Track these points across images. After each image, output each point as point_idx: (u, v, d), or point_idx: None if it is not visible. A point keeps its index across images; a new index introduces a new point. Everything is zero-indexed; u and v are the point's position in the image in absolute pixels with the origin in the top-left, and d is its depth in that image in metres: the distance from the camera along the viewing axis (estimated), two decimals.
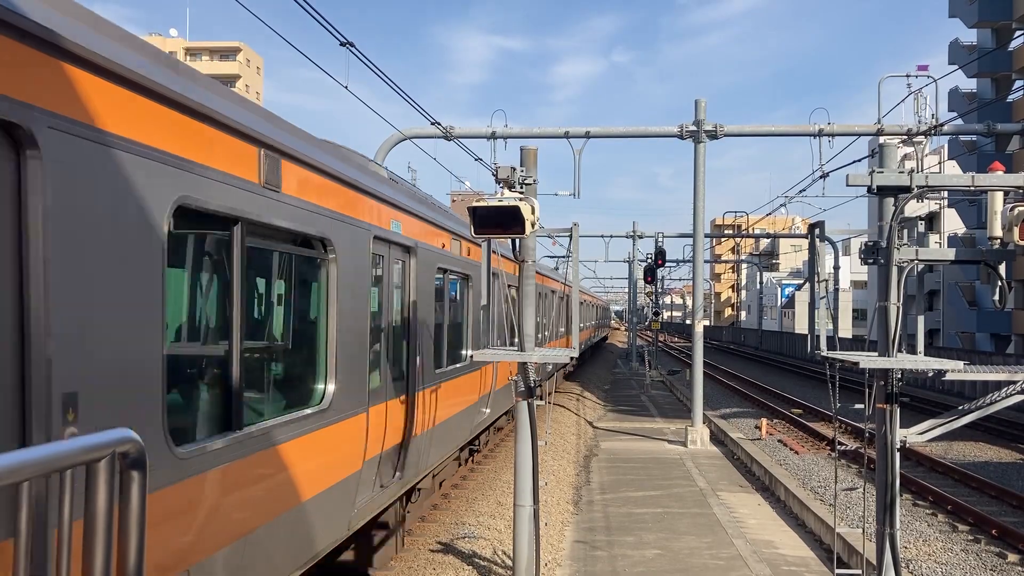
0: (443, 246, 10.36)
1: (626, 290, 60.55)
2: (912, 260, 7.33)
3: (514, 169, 7.43)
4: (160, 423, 4.11)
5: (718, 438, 19.78)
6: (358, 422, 6.99)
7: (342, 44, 10.43)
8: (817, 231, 7.99)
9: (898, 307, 7.23)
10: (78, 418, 3.53)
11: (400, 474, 8.43)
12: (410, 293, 8.79)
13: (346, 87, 12.27)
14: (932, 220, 56.90)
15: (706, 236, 23.69)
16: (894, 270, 7.21)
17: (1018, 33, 45.10)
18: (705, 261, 28.54)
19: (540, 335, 20.97)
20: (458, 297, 11.94)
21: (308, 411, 6.03)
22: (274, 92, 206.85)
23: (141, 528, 1.85)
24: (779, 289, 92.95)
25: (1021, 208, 6.74)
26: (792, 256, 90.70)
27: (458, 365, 11.08)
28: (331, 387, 6.35)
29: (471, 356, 9.48)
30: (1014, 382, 7.27)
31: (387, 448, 7.96)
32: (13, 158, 3.30)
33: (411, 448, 8.65)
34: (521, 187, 7.49)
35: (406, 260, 8.67)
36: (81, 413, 3.52)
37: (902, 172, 7.19)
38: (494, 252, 8.04)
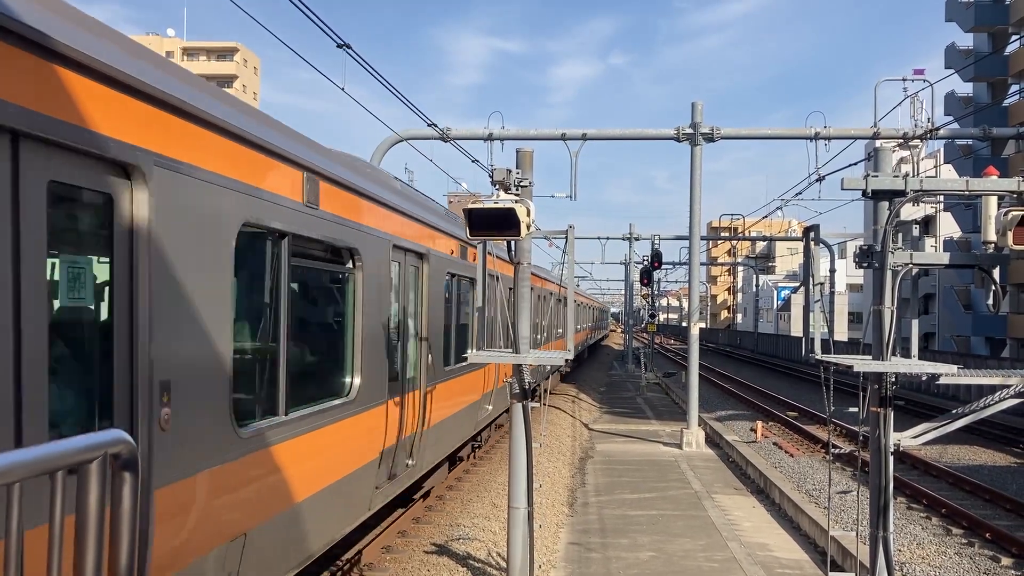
0: (451, 252, 11.06)
1: (623, 292, 60.57)
2: (907, 264, 7.35)
3: (510, 171, 7.43)
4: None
5: (713, 440, 19.79)
6: (378, 411, 8.04)
7: (339, 46, 10.43)
8: (812, 234, 8.00)
9: (892, 311, 7.24)
10: (171, 401, 4.35)
11: (412, 461, 9.26)
12: (424, 297, 9.77)
13: (343, 88, 12.25)
14: (928, 224, 57.02)
15: (702, 239, 23.72)
16: (888, 274, 7.22)
17: (1014, 38, 45.24)
18: (701, 263, 28.58)
19: (538, 336, 20.97)
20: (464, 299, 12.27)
21: (338, 401, 6.96)
22: (271, 93, 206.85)
23: (133, 530, 1.85)
24: (775, 292, 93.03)
25: (1015, 212, 6.76)
26: (788, 259, 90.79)
27: (462, 364, 11.51)
28: (357, 380, 7.38)
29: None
30: (1008, 386, 7.29)
31: (404, 437, 8.95)
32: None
33: (422, 439, 9.44)
34: (517, 189, 7.49)
35: (419, 266, 9.64)
36: (173, 397, 4.34)
37: (897, 176, 7.21)
38: (489, 254, 8.04)
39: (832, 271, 9.48)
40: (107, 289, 4.06)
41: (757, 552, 10.55)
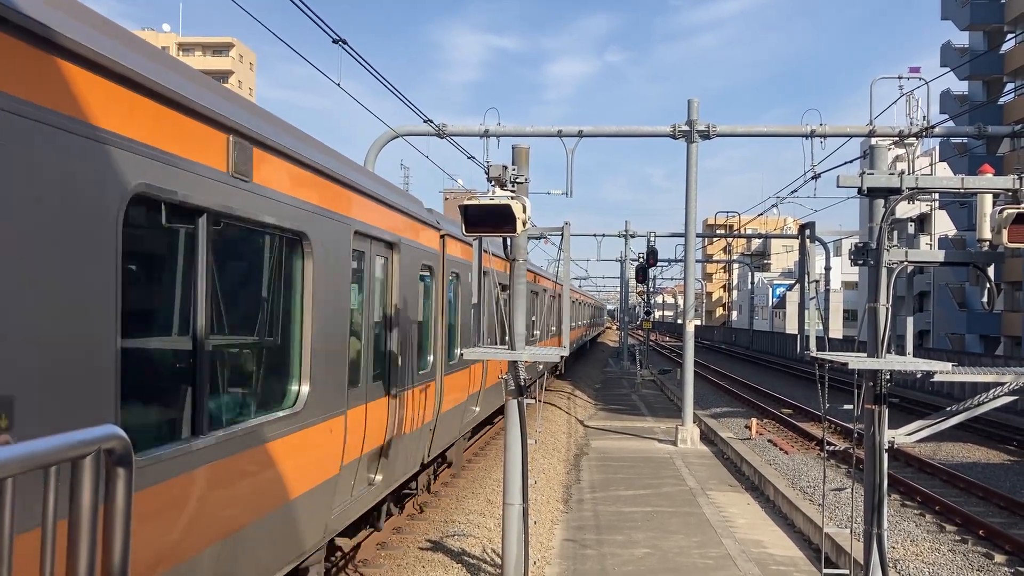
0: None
1: (619, 290, 60.62)
2: (902, 261, 7.36)
3: (506, 167, 7.43)
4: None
5: (708, 437, 19.82)
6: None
7: (335, 41, 10.41)
8: (808, 232, 8.02)
9: (887, 308, 7.25)
10: (400, 353, 6.76)
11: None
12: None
13: (339, 84, 12.24)
14: (923, 222, 57.14)
15: (698, 236, 23.74)
16: (883, 271, 7.23)
17: (1009, 36, 45.32)
18: (697, 261, 28.61)
19: (533, 333, 20.97)
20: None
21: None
22: (267, 88, 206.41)
23: (127, 527, 1.85)
24: (770, 289, 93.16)
25: (1010, 211, 6.77)
26: (784, 256, 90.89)
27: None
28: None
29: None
30: (1002, 384, 7.31)
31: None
32: (391, 254, 6.86)
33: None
34: (513, 186, 7.49)
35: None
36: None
37: (892, 174, 7.22)
38: (485, 251, 8.04)
39: (827, 269, 9.50)
40: None
41: (752, 549, 10.57)
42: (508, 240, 7.78)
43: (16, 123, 3.29)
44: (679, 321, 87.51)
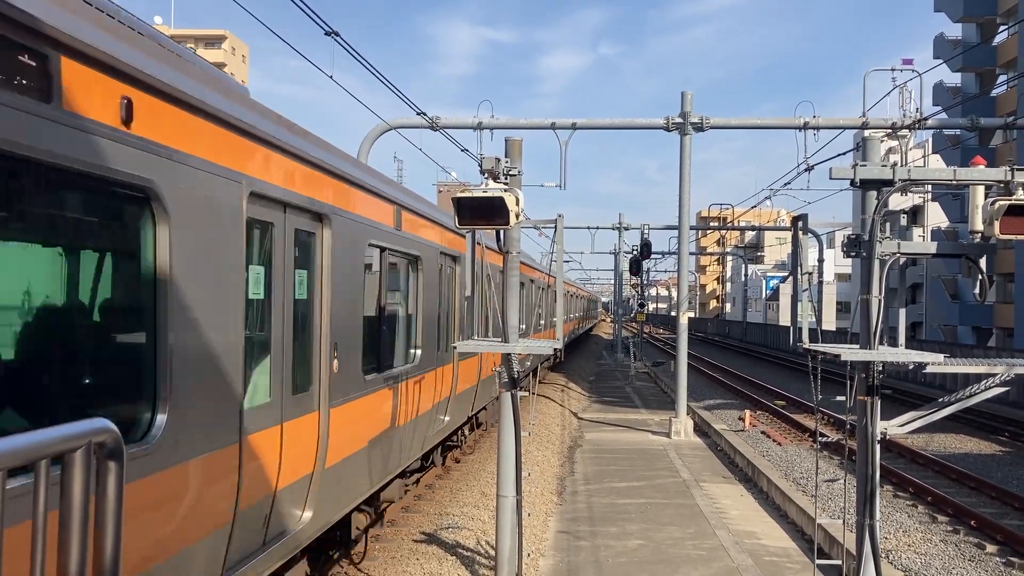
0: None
1: (612, 282, 60.65)
2: (894, 253, 7.38)
3: (499, 160, 7.42)
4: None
5: (702, 429, 19.88)
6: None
7: (327, 33, 10.36)
8: (801, 224, 8.03)
9: (880, 300, 7.27)
10: (338, 355, 6.82)
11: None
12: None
13: (331, 76, 12.19)
14: (916, 214, 57.27)
15: (691, 228, 23.74)
16: (876, 263, 7.25)
17: (1002, 28, 45.36)
18: (690, 253, 28.62)
19: (523, 325, 20.97)
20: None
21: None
22: (260, 81, 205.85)
23: (118, 520, 1.84)
24: (764, 281, 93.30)
25: (1002, 202, 6.79)
26: (777, 249, 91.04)
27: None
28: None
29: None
30: (993, 375, 7.33)
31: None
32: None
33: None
34: (506, 178, 7.48)
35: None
36: (339, 352, 6.80)
37: (885, 166, 7.23)
38: (478, 243, 8.03)
39: (820, 261, 9.51)
40: None
41: (745, 540, 10.61)
42: (502, 233, 7.78)
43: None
44: (673, 313, 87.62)
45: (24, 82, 3.35)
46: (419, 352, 9.84)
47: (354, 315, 7.37)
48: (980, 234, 7.21)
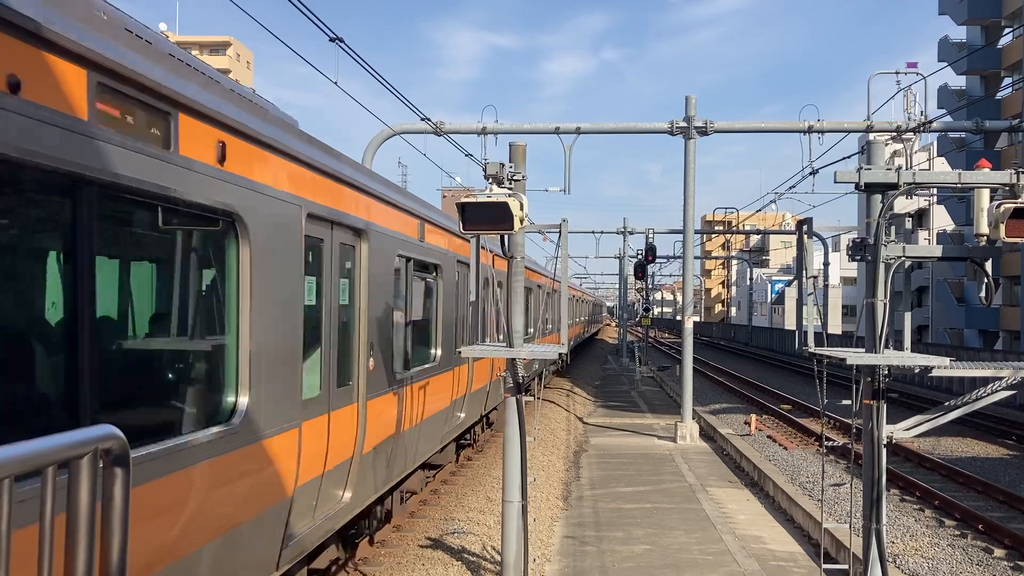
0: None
1: (617, 286, 60.62)
2: (899, 257, 7.36)
3: (503, 165, 7.43)
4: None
5: (707, 434, 19.84)
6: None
7: (331, 39, 10.40)
8: (805, 228, 8.02)
9: (885, 303, 7.26)
10: (373, 354, 7.61)
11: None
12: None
13: (335, 82, 12.23)
14: (921, 217, 57.15)
15: (696, 232, 23.75)
16: (881, 267, 7.24)
17: (1007, 30, 45.31)
18: (695, 257, 28.59)
19: (532, 329, 20.97)
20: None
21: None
22: (265, 87, 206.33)
23: (124, 527, 1.85)
24: (769, 285, 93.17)
25: (1008, 205, 6.77)
26: (782, 252, 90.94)
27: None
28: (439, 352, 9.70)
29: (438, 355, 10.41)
30: (1000, 378, 7.31)
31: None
32: (358, 242, 7.37)
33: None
34: (510, 183, 7.49)
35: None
36: (374, 352, 7.63)
37: (890, 169, 7.22)
38: (484, 248, 8.04)
39: (826, 264, 9.51)
40: None
41: (751, 545, 10.58)
42: (506, 238, 7.78)
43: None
44: (678, 318, 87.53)
45: (155, 133, 4.23)
46: (439, 352, 10.79)
47: (387, 318, 8.20)
48: (985, 237, 7.20)
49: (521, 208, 7.04)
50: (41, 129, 3.38)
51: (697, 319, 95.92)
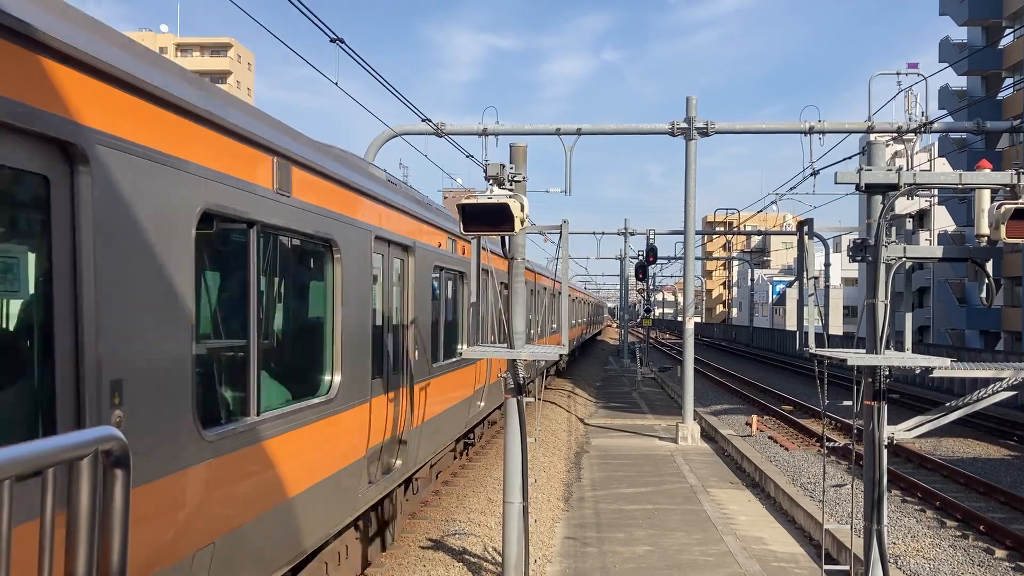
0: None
1: (618, 287, 60.59)
2: (900, 258, 7.36)
3: (503, 166, 7.43)
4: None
5: (709, 435, 19.83)
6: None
7: (332, 40, 10.41)
8: (806, 228, 8.02)
9: (886, 304, 7.26)
10: (416, 347, 9.04)
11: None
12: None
13: (336, 83, 12.24)
14: (922, 217, 57.13)
15: (697, 233, 23.75)
16: (882, 268, 7.23)
17: (1008, 31, 45.30)
18: (696, 258, 28.58)
19: (534, 331, 20.97)
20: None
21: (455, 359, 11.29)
22: (266, 89, 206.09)
23: (125, 528, 1.85)
24: (770, 286, 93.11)
25: (1008, 206, 6.77)
26: (783, 253, 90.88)
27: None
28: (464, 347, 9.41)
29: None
30: (1001, 379, 7.31)
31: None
32: (407, 256, 8.93)
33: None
34: (511, 184, 7.49)
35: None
36: (417, 345, 9.08)
37: (890, 170, 7.21)
38: (484, 249, 8.04)
39: (827, 265, 9.50)
40: None
41: (752, 546, 10.58)
42: (507, 239, 7.78)
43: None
44: (679, 319, 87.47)
45: (279, 184, 5.69)
46: (464, 347, 11.71)
47: (425, 317, 9.83)
48: (986, 238, 7.19)
49: (522, 209, 7.04)
50: (244, 193, 5.14)
51: (698, 320, 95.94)
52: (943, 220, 54.06)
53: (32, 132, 3.30)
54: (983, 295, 7.54)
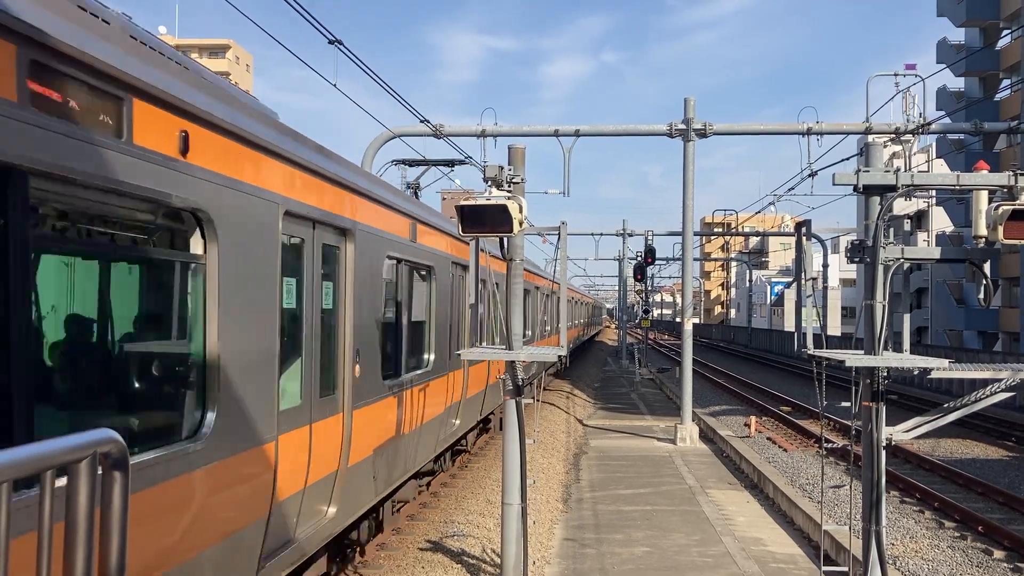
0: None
1: (617, 288, 60.61)
2: (898, 259, 7.37)
3: (502, 168, 7.43)
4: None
5: (707, 436, 19.83)
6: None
7: (330, 42, 10.40)
8: (804, 229, 8.02)
9: (884, 305, 7.26)
10: (437, 342, 10.74)
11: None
12: None
13: (334, 85, 12.24)
14: (920, 219, 57.16)
15: (695, 234, 23.76)
16: (880, 269, 7.24)
17: (1005, 32, 45.34)
18: (695, 259, 28.57)
19: (534, 332, 20.98)
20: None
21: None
22: (264, 90, 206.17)
23: (123, 530, 1.85)
24: (768, 287, 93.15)
25: (1006, 207, 6.78)
26: (781, 254, 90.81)
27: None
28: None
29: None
30: (999, 380, 7.31)
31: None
32: (430, 273, 10.54)
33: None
34: (509, 186, 7.49)
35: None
36: (437, 340, 10.89)
37: (888, 171, 7.22)
38: (483, 251, 8.05)
39: (825, 266, 9.51)
40: None
41: (751, 547, 10.58)
42: (505, 240, 7.78)
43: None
44: (677, 319, 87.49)
45: (411, 236, 8.08)
46: (462, 350, 12.96)
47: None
48: (984, 239, 7.20)
49: (520, 210, 7.05)
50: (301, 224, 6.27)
51: (696, 321, 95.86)
52: (941, 221, 54.09)
53: (336, 227, 6.94)
54: (981, 296, 7.56)
